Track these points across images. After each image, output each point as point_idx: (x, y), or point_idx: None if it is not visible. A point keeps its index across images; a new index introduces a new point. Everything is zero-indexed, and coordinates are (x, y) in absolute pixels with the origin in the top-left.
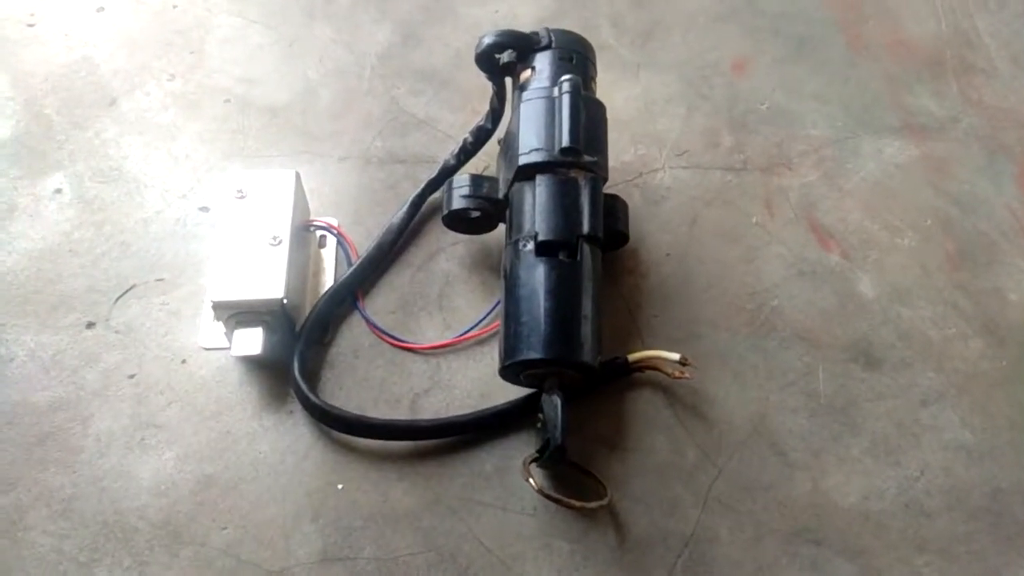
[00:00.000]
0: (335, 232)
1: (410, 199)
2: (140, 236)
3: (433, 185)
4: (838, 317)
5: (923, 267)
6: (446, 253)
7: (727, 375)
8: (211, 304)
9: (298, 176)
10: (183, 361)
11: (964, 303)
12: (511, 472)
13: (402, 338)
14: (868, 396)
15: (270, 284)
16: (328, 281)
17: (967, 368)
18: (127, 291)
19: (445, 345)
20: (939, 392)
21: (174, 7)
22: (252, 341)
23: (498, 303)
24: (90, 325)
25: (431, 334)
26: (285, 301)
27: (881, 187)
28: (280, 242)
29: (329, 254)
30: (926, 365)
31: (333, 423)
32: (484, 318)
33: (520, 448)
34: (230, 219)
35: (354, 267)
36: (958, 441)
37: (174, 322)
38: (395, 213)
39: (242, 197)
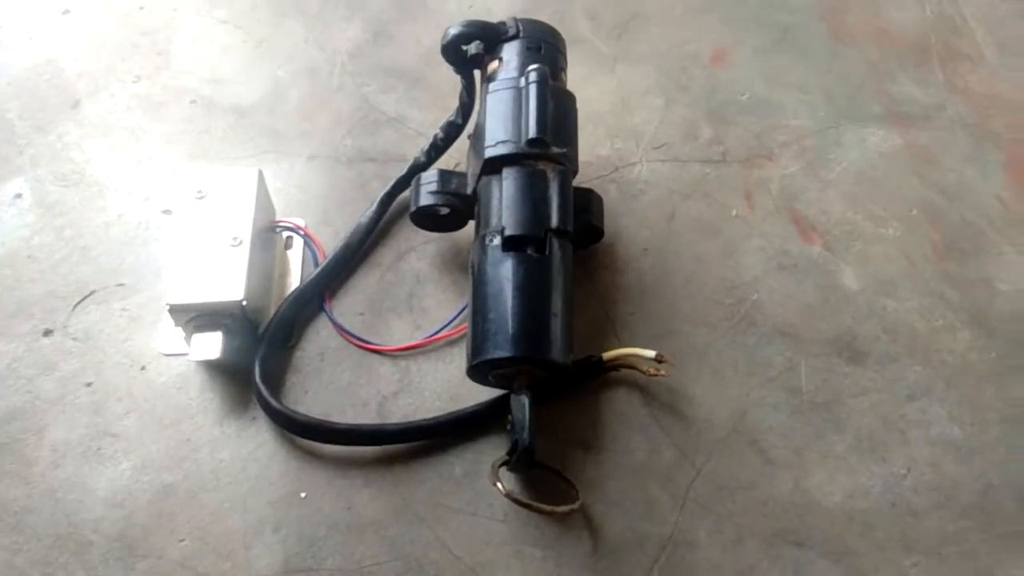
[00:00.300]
0: (301, 233)
1: (378, 197)
2: (101, 240)
3: (402, 183)
4: (821, 310)
5: (909, 258)
6: (416, 252)
7: (706, 372)
8: (168, 308)
9: (261, 174)
10: (143, 368)
11: (951, 294)
12: (481, 476)
13: (370, 340)
14: (852, 391)
15: (229, 286)
16: (294, 283)
17: (955, 361)
18: (86, 297)
19: (414, 347)
20: (926, 386)
21: (140, 8)
22: (211, 345)
23: (468, 303)
24: (47, 332)
25: (400, 335)
26: (245, 303)
27: (864, 177)
28: (241, 243)
29: (296, 255)
30: (912, 358)
31: (296, 429)
32: (454, 318)
33: (490, 451)
34: (189, 220)
35: (320, 268)
36: (946, 436)
37: (134, 328)
38: (364, 212)
39: (202, 197)
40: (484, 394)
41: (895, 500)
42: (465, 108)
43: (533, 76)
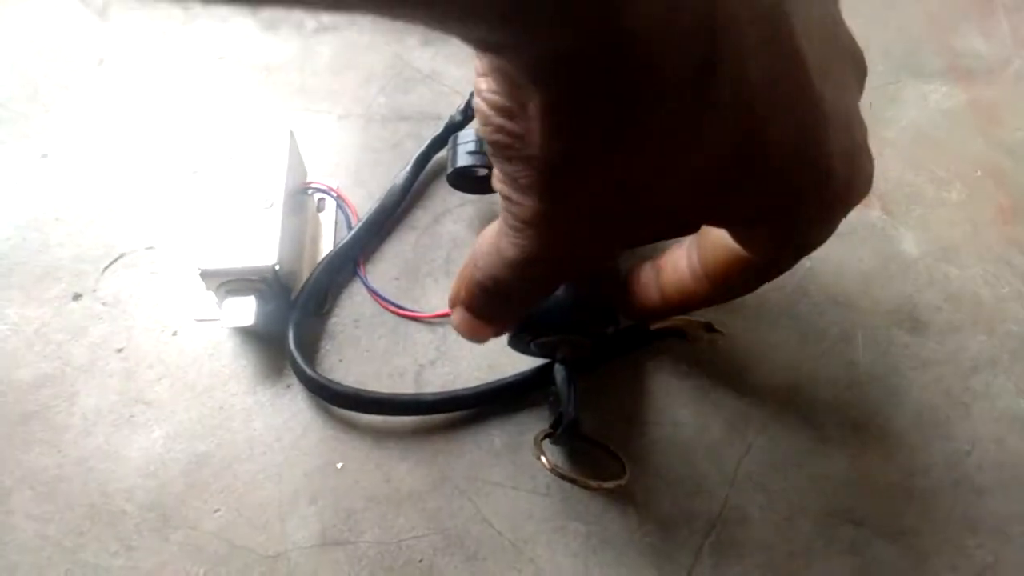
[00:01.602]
0: (334, 195)
1: (413, 158)
2: (130, 202)
3: (438, 143)
4: (879, 279)
5: (973, 222)
6: (452, 215)
7: (757, 344)
8: (199, 273)
9: (292, 135)
10: (174, 333)
11: (1019, 260)
12: (522, 449)
13: (406, 306)
14: (912, 364)
15: (262, 250)
16: (327, 247)
17: (1021, 331)
18: (115, 260)
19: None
20: (991, 358)
21: None
22: (244, 311)
23: None
24: (76, 297)
25: (436, 301)
26: (278, 268)
27: (926, 136)
28: (272, 206)
29: (328, 218)
30: (976, 328)
31: (331, 398)
32: None
33: (531, 423)
34: (219, 182)
35: (353, 232)
36: (1012, 411)
37: (164, 292)
38: (398, 173)
39: (231, 158)
40: (525, 363)
41: (959, 478)
42: None
43: None
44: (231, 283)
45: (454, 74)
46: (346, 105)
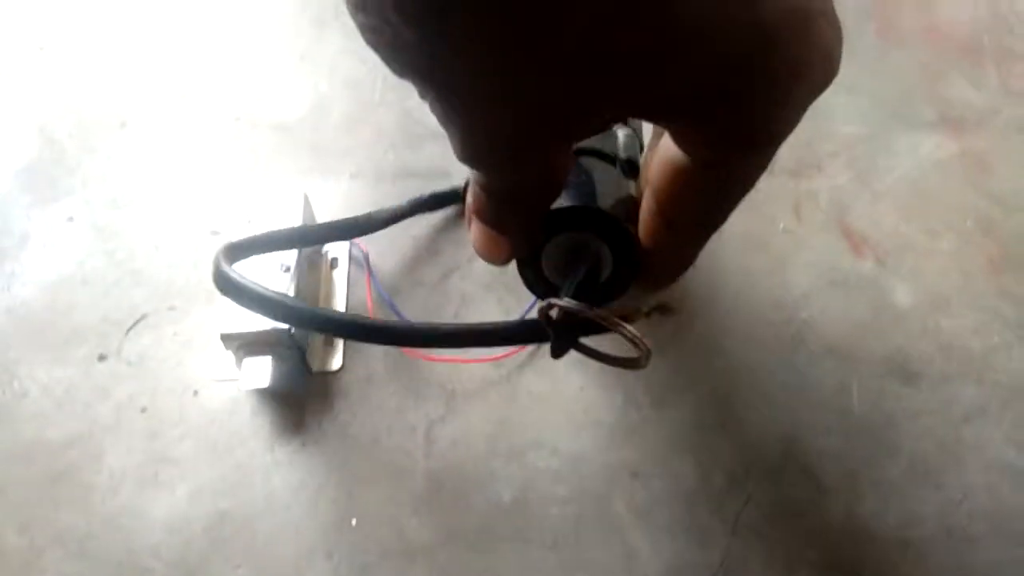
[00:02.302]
0: (361, 249)
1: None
2: (152, 263)
3: (433, 202)
4: (873, 329)
5: (963, 272)
6: (461, 271)
7: (756, 394)
8: (219, 336)
9: (306, 198)
10: (195, 393)
11: (1007, 310)
12: (530, 503)
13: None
14: (906, 413)
15: None
16: (340, 304)
17: (1010, 380)
18: (139, 321)
19: (463, 361)
20: (981, 407)
21: (183, 22)
22: (261, 372)
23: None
24: (102, 358)
25: (447, 354)
26: (293, 331)
27: (917, 187)
28: (288, 269)
29: (341, 275)
30: (967, 379)
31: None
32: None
33: (538, 480)
34: None
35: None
36: (1002, 460)
37: (186, 352)
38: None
39: (249, 223)
40: (535, 409)
41: (951, 527)
42: None
43: None
44: (248, 345)
45: None
46: (358, 163)
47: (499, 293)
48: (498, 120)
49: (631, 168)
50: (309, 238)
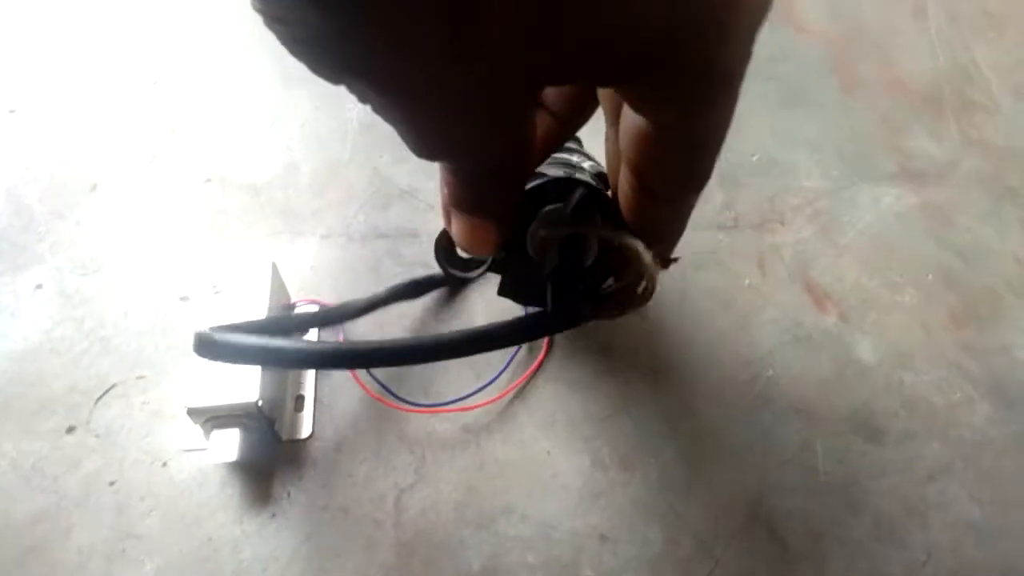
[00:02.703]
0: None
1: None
2: (121, 330)
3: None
4: (837, 385)
5: (925, 327)
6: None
7: (723, 454)
8: (186, 411)
9: (275, 267)
10: (164, 464)
11: (969, 364)
12: (499, 572)
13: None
14: (870, 472)
15: (245, 386)
16: (310, 386)
17: (974, 436)
18: (107, 391)
19: (435, 411)
20: (945, 465)
21: (154, 83)
22: (229, 446)
23: (490, 382)
24: (71, 429)
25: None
26: (260, 404)
27: (879, 240)
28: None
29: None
30: (931, 435)
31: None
32: (469, 395)
33: (509, 547)
34: (205, 316)
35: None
36: (966, 518)
37: (155, 422)
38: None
39: (218, 292)
40: (503, 475)
41: None
42: None
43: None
44: (216, 418)
45: (430, 188)
46: (328, 224)
47: (478, 368)
48: (451, 100)
49: (601, 180)
50: (285, 327)
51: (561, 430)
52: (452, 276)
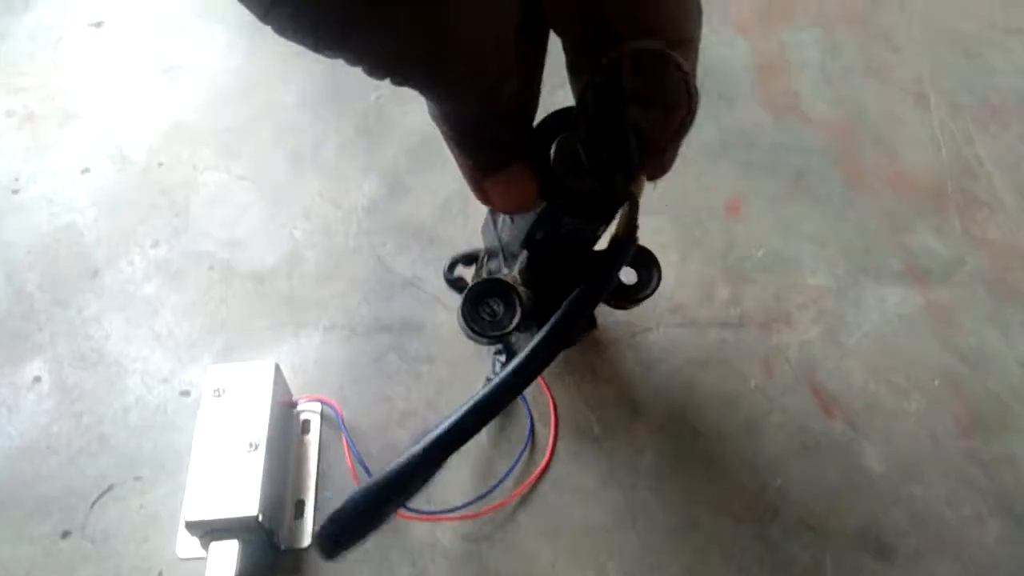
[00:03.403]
0: (334, 409)
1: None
2: (119, 427)
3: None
4: (845, 498)
5: (932, 435)
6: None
7: (731, 570)
8: (184, 524)
9: (277, 368)
10: (159, 573)
11: (978, 477)
12: None
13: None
14: None
15: (245, 500)
16: (312, 470)
17: (984, 557)
18: (104, 492)
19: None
20: None
21: (160, 164)
22: (227, 559)
23: (492, 488)
24: (65, 534)
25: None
26: (260, 518)
27: (885, 343)
28: (257, 448)
29: (313, 439)
30: (942, 553)
31: None
32: (466, 505)
33: None
34: (207, 422)
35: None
36: None
37: (151, 527)
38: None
39: (219, 395)
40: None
41: None
42: None
43: None
44: (215, 532)
45: (434, 279)
46: (331, 315)
47: (482, 470)
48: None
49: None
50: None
51: (565, 541)
52: (488, 336)
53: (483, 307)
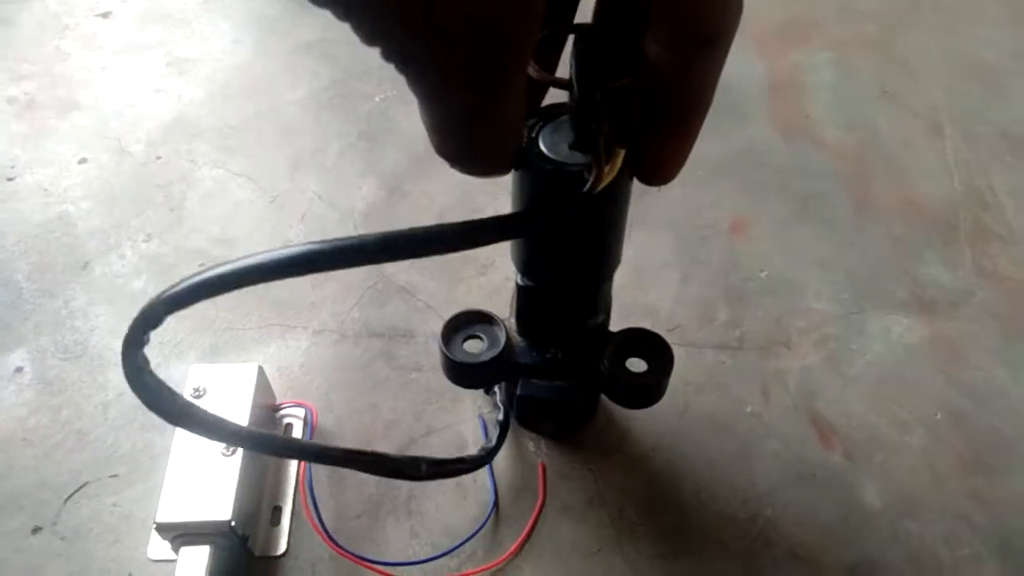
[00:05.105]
0: (311, 417)
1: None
2: (98, 423)
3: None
4: (840, 532)
5: (933, 472)
6: (418, 444)
7: None
8: (155, 526)
9: (261, 370)
10: (129, 575)
11: (978, 516)
12: None
13: (366, 555)
14: None
15: (218, 504)
16: (291, 476)
17: None
18: (78, 489)
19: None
20: None
21: (157, 158)
22: (197, 563)
23: (478, 531)
24: (36, 530)
25: (396, 544)
26: (233, 524)
27: (887, 373)
28: (234, 452)
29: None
30: None
31: None
32: (457, 546)
33: None
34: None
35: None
36: None
37: (124, 527)
38: None
39: (199, 396)
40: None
41: None
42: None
43: None
44: (186, 535)
45: (428, 287)
46: (322, 319)
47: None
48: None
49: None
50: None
51: (548, 564)
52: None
53: None
